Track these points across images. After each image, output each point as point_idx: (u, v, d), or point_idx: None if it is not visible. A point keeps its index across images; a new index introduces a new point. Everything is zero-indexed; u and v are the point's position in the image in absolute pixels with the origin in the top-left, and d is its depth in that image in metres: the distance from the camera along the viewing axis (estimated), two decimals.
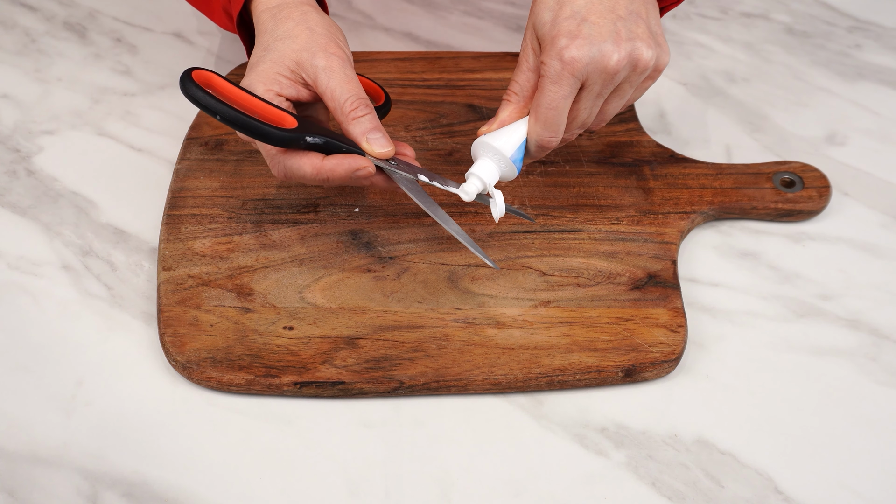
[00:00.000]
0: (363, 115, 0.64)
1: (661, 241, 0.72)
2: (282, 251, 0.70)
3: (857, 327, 0.71)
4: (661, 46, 0.63)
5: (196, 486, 0.61)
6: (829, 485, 0.63)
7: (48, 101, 0.82)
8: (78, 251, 0.72)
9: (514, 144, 0.66)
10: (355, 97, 0.63)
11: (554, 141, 0.65)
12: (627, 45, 0.61)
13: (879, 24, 0.95)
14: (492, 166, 0.66)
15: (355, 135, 0.64)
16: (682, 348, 0.66)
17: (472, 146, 0.67)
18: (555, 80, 0.62)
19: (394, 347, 0.65)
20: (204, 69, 0.64)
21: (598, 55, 0.61)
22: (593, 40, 0.61)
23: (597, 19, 0.61)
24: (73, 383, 0.65)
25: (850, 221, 0.77)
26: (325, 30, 0.66)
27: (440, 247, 0.71)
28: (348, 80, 0.64)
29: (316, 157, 0.63)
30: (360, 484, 0.61)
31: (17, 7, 0.90)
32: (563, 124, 0.65)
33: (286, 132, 0.61)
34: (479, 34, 0.91)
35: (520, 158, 0.66)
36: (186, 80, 0.62)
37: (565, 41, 0.61)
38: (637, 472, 0.63)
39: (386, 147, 0.64)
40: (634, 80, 0.64)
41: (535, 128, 0.65)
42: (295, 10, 0.67)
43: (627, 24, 0.62)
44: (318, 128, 0.64)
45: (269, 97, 0.64)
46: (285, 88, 0.64)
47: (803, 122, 0.85)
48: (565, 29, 0.61)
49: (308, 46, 0.64)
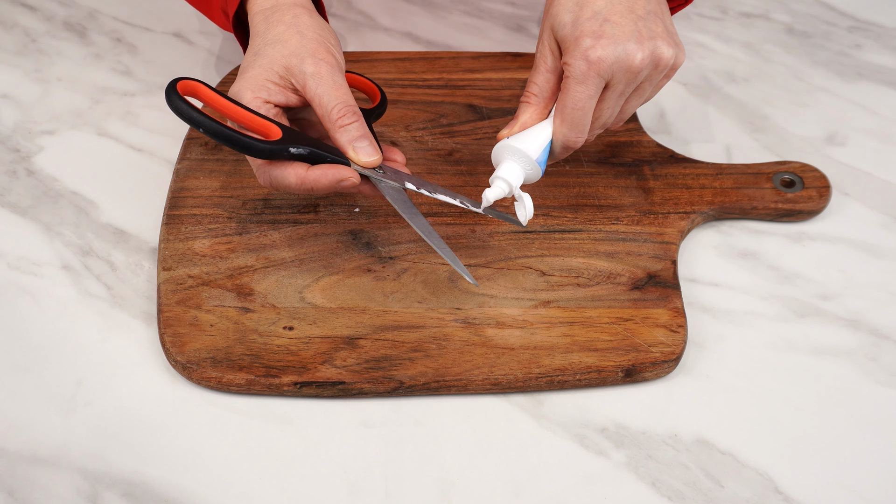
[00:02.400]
0: (350, 123, 0.63)
1: (661, 241, 0.72)
2: (282, 251, 0.70)
3: (857, 327, 0.71)
4: (679, 45, 0.64)
5: (196, 486, 0.61)
6: (829, 485, 0.63)
7: (48, 101, 0.82)
8: (78, 251, 0.72)
9: (540, 146, 0.66)
10: (343, 104, 0.63)
11: (580, 141, 0.66)
12: (650, 43, 0.62)
13: (879, 24, 0.95)
14: (517, 169, 0.65)
15: (342, 143, 0.64)
16: (682, 348, 0.67)
17: (494, 150, 0.66)
18: (581, 81, 0.62)
19: (394, 347, 0.65)
20: (191, 79, 0.63)
21: (622, 54, 0.62)
22: (617, 40, 0.61)
23: (618, 19, 0.62)
24: (73, 383, 0.65)
25: (850, 221, 0.77)
26: (316, 34, 0.65)
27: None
28: (336, 87, 0.64)
29: (301, 168, 0.63)
30: (360, 484, 0.61)
31: (17, 7, 0.90)
32: (588, 124, 0.65)
33: (269, 144, 0.61)
34: (479, 34, 0.91)
35: (544, 160, 0.66)
36: (171, 91, 0.61)
37: (590, 41, 0.62)
38: (637, 472, 0.63)
39: (372, 156, 0.64)
40: (654, 78, 0.65)
41: (560, 129, 0.65)
42: (287, 13, 0.66)
43: (647, 24, 0.62)
44: (304, 137, 0.63)
45: (256, 105, 0.64)
46: (274, 95, 0.64)
47: (803, 122, 0.85)
48: (588, 29, 0.62)
49: (297, 52, 0.64)
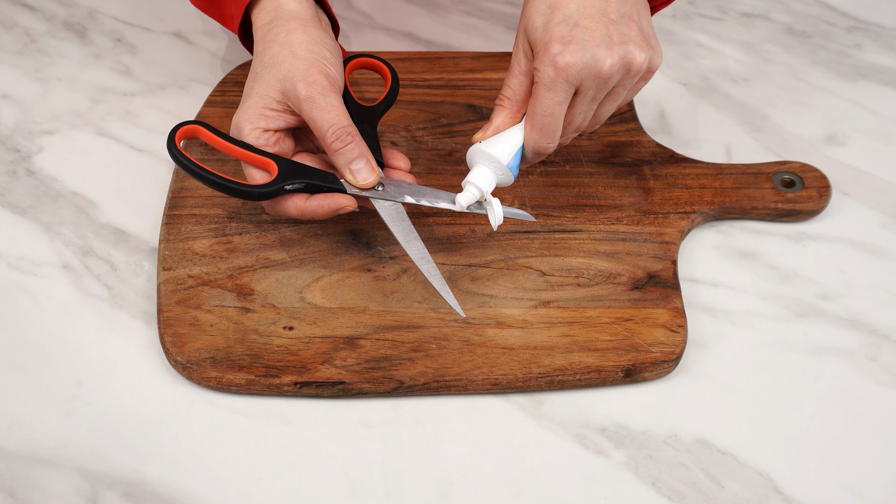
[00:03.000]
0: (344, 147, 0.64)
1: (661, 241, 0.72)
2: (282, 251, 0.70)
3: (857, 327, 0.71)
4: (654, 48, 0.63)
5: (196, 486, 0.61)
6: (829, 485, 0.63)
7: (48, 101, 0.82)
8: (78, 251, 0.72)
9: (511, 152, 0.66)
10: (336, 127, 0.64)
11: (551, 147, 0.66)
12: (620, 49, 0.61)
13: (879, 24, 0.95)
14: (488, 174, 0.66)
15: (338, 166, 0.65)
16: (682, 348, 0.67)
17: (468, 154, 0.67)
18: (549, 87, 0.62)
19: (394, 347, 0.65)
20: (191, 123, 0.66)
21: (591, 60, 0.61)
22: (586, 45, 0.61)
23: (589, 24, 0.61)
24: (73, 383, 0.65)
25: (850, 221, 0.77)
26: (309, 52, 0.66)
27: (440, 246, 0.71)
28: (329, 110, 0.64)
29: (300, 199, 0.65)
30: (360, 484, 0.61)
31: (17, 7, 0.90)
32: (559, 130, 0.65)
33: (263, 188, 0.64)
34: (479, 34, 0.91)
35: (516, 165, 0.66)
36: (170, 142, 0.64)
37: (558, 47, 0.61)
38: (637, 472, 0.63)
39: (368, 178, 0.65)
40: (628, 82, 0.64)
41: (531, 135, 0.65)
42: (281, 31, 0.67)
43: (619, 28, 0.62)
44: (300, 170, 0.65)
45: (255, 135, 0.65)
46: (272, 122, 0.66)
47: (803, 122, 0.85)
48: (558, 34, 0.61)
49: (289, 75, 0.64)
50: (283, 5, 0.68)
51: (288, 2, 0.68)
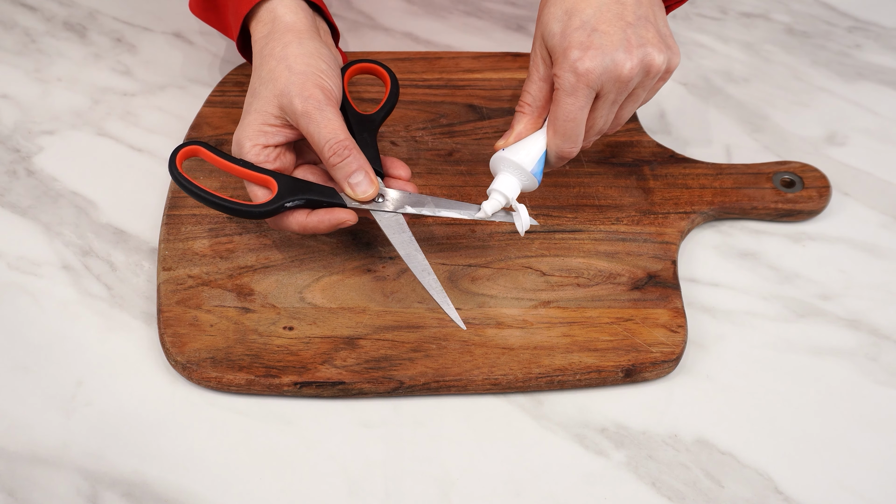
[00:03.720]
0: (342, 161, 0.64)
1: (661, 241, 0.72)
2: (282, 251, 0.70)
3: (857, 327, 0.71)
4: (671, 48, 0.64)
5: (196, 486, 0.61)
6: (829, 485, 0.63)
7: (48, 101, 0.82)
8: (78, 251, 0.72)
9: (534, 158, 0.66)
10: (333, 141, 0.64)
11: (574, 151, 0.66)
12: (639, 51, 0.62)
13: (879, 24, 0.95)
14: (513, 181, 0.66)
15: (337, 179, 0.65)
16: (682, 348, 0.67)
17: (491, 161, 0.67)
18: (570, 93, 0.62)
19: (394, 347, 0.65)
20: (192, 143, 0.66)
21: (611, 65, 0.61)
22: (605, 50, 0.61)
23: (607, 28, 0.62)
24: (72, 383, 0.65)
25: (850, 221, 0.77)
26: (304, 65, 0.66)
27: (440, 246, 0.71)
28: (326, 124, 0.64)
29: (301, 214, 0.65)
30: (360, 484, 0.61)
31: (17, 7, 0.90)
32: (581, 134, 0.65)
33: (264, 207, 0.65)
34: (479, 34, 0.91)
35: (540, 170, 0.67)
36: (171, 164, 0.65)
37: (578, 53, 0.61)
38: (637, 472, 0.63)
39: (368, 190, 0.65)
40: (647, 84, 0.64)
41: (553, 140, 0.65)
42: (277, 44, 0.67)
43: (637, 30, 0.62)
44: (300, 186, 0.66)
45: (255, 152, 0.65)
46: (272, 137, 0.66)
47: (803, 122, 0.85)
48: (576, 40, 0.62)
49: (285, 90, 0.65)
50: (279, 17, 0.68)
51: (284, 13, 0.68)
